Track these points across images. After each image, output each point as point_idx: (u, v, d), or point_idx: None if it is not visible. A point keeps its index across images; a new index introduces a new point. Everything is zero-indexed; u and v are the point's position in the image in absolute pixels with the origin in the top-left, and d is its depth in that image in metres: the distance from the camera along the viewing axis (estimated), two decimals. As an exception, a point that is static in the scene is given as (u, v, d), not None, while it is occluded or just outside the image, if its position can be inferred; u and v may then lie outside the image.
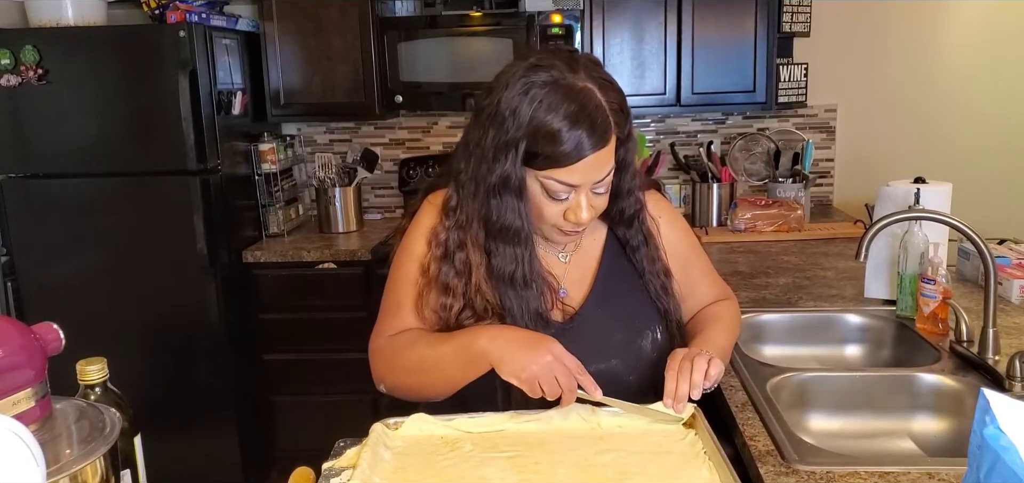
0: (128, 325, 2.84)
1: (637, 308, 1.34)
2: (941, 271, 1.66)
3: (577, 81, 1.16)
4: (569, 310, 1.32)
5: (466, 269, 1.27)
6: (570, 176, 1.17)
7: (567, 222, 1.23)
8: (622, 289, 1.34)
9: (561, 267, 1.35)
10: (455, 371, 1.22)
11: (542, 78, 1.16)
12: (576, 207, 1.21)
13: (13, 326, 0.92)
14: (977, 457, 0.69)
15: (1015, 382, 1.37)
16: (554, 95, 1.15)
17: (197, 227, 2.75)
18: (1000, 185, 3.22)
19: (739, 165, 3.24)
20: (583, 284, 1.34)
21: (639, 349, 1.31)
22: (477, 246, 1.27)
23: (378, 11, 3.01)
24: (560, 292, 1.33)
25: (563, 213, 1.22)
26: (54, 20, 2.77)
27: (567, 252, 1.36)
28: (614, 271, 1.35)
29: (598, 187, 1.22)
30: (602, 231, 1.38)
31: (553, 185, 1.19)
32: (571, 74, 1.17)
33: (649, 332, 1.32)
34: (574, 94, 1.15)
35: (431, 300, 1.29)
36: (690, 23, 2.94)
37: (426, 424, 1.17)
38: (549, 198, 1.21)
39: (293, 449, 3.05)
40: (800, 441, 1.23)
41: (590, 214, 1.22)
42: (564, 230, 1.25)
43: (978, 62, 3.25)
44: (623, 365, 1.29)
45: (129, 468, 1.03)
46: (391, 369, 1.29)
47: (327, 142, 3.46)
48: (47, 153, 2.74)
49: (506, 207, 1.22)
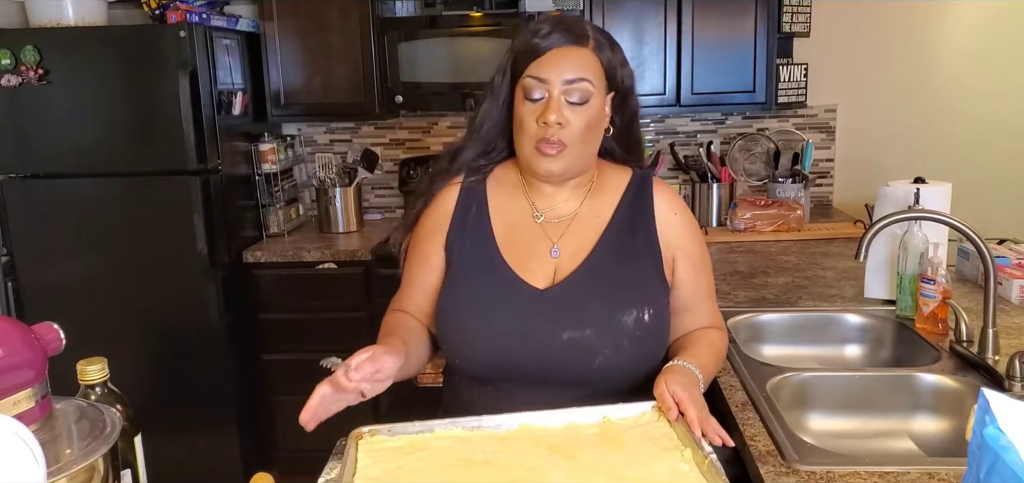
0: (128, 325, 2.84)
1: (626, 285, 1.31)
2: (941, 271, 1.67)
3: (571, 14, 1.28)
4: (559, 277, 1.31)
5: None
6: (541, 68, 1.25)
7: (540, 127, 1.26)
8: (615, 267, 1.32)
9: (558, 233, 1.35)
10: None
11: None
12: (546, 108, 1.25)
13: (13, 326, 0.92)
14: (977, 457, 0.69)
15: (1015, 382, 1.37)
16: (551, 13, 1.30)
17: (197, 227, 2.75)
18: (1000, 185, 3.22)
19: (739, 165, 3.24)
20: (578, 256, 1.33)
21: (619, 324, 1.27)
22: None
23: (378, 11, 3.01)
24: (552, 250, 1.33)
25: (536, 118, 1.26)
26: (54, 20, 2.77)
27: (564, 220, 1.36)
28: (611, 248, 1.34)
29: (571, 93, 1.26)
30: (608, 211, 1.36)
31: (528, 82, 1.27)
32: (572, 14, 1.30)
33: (635, 310, 1.28)
34: (563, 14, 1.27)
35: (416, 273, 1.37)
36: (690, 23, 2.94)
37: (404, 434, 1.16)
38: (526, 101, 1.27)
39: (293, 449, 3.04)
40: (800, 441, 1.23)
41: (558, 117, 1.25)
42: (539, 144, 1.27)
43: (978, 62, 3.25)
44: (598, 336, 1.26)
45: (129, 468, 1.03)
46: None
47: (327, 142, 3.46)
48: (47, 153, 2.75)
49: (482, 108, 1.35)
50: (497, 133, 1.36)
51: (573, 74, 1.25)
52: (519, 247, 1.33)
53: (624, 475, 1.03)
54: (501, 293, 1.29)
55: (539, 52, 1.26)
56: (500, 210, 1.36)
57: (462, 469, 1.06)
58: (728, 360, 1.60)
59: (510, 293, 1.29)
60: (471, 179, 1.38)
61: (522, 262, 1.32)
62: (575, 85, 1.25)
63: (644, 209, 1.36)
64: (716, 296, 1.45)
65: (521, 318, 1.27)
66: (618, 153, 1.41)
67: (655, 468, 1.04)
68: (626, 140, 1.40)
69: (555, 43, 1.26)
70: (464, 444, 1.12)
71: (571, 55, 1.26)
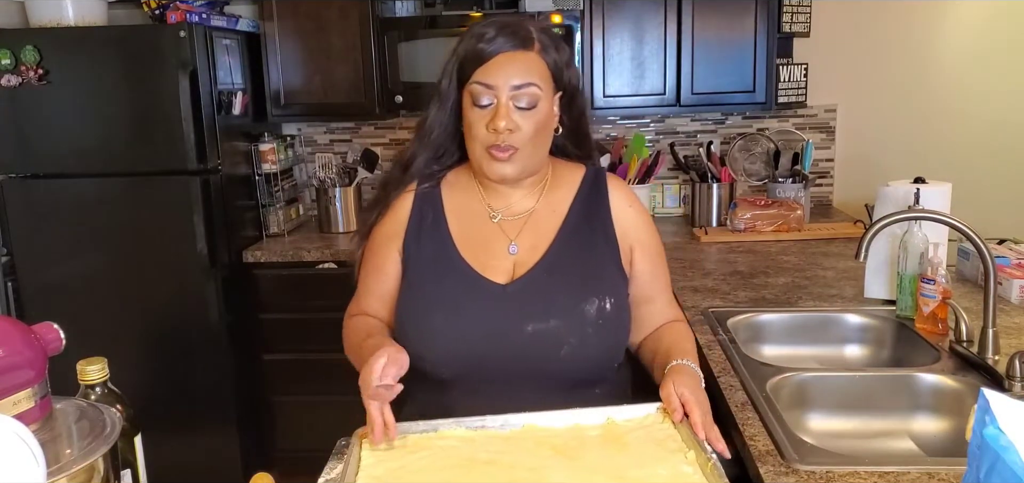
0: (128, 325, 2.84)
1: (586, 276, 1.34)
2: (941, 271, 1.67)
3: (515, 14, 1.29)
4: (519, 273, 1.33)
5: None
6: (488, 74, 1.25)
7: (490, 134, 1.27)
8: (574, 259, 1.35)
9: (516, 230, 1.36)
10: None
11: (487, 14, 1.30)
12: (495, 115, 1.26)
13: (13, 326, 0.92)
14: (977, 457, 0.69)
15: (1015, 382, 1.37)
16: (493, 15, 1.35)
17: (197, 227, 2.75)
18: (1000, 185, 3.22)
19: (739, 165, 3.24)
20: (536, 251, 1.35)
21: (582, 313, 1.29)
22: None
23: (378, 11, 3.01)
24: (510, 247, 1.35)
25: (486, 124, 1.27)
26: (54, 20, 2.77)
27: (520, 217, 1.37)
28: (569, 242, 1.36)
29: (519, 98, 1.26)
30: (563, 207, 1.39)
31: (475, 88, 1.27)
32: (513, 12, 1.30)
33: (597, 299, 1.31)
34: (511, 14, 1.27)
35: (373, 278, 1.40)
36: (690, 23, 2.94)
37: (408, 434, 1.16)
38: (475, 108, 1.28)
39: (293, 449, 3.05)
40: (800, 441, 1.23)
41: (507, 124, 1.25)
42: (490, 148, 1.28)
43: (978, 62, 3.25)
44: (563, 327, 1.28)
45: (129, 468, 1.03)
46: (347, 355, 1.38)
47: (327, 142, 3.46)
48: (47, 153, 2.74)
49: (429, 114, 1.35)
50: (447, 138, 1.37)
51: (520, 79, 1.26)
52: (477, 246, 1.35)
53: (627, 476, 1.03)
54: (463, 291, 1.31)
55: (485, 58, 1.26)
56: (456, 212, 1.38)
57: (465, 469, 1.06)
58: (728, 360, 1.60)
59: (472, 291, 1.31)
60: (425, 185, 1.40)
61: (481, 261, 1.34)
62: (523, 90, 1.26)
63: (600, 203, 1.40)
64: (716, 295, 1.46)
65: (485, 315, 1.29)
66: (570, 150, 1.44)
67: (658, 470, 1.04)
68: (576, 137, 1.43)
69: (501, 48, 1.26)
70: (468, 444, 1.12)
71: (517, 60, 1.26)
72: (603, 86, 3.01)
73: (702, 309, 1.95)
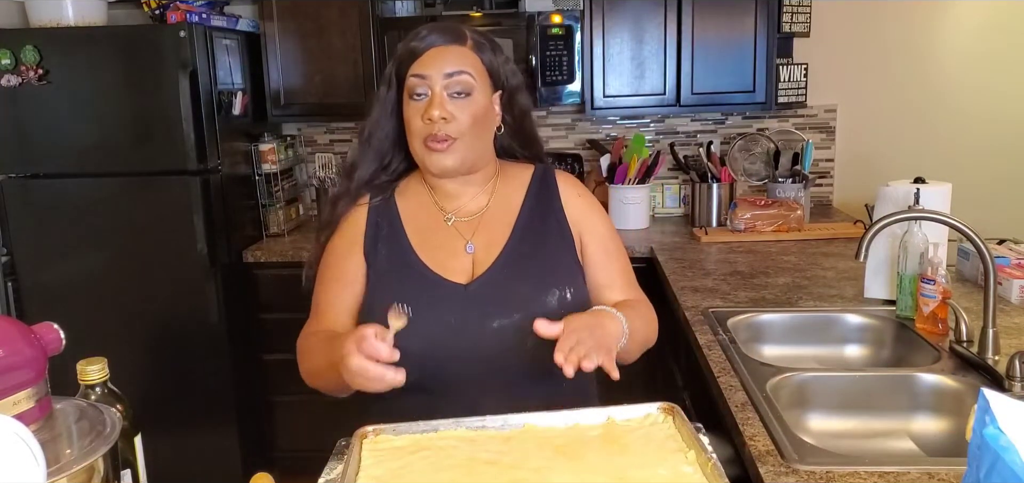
0: (128, 325, 2.84)
1: (546, 269, 1.35)
2: (941, 271, 1.67)
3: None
4: (477, 272, 1.34)
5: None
6: (421, 66, 1.29)
7: (426, 124, 1.29)
8: (532, 253, 1.36)
9: (471, 230, 1.37)
10: (334, 381, 1.23)
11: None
12: (429, 104, 1.29)
13: (13, 326, 0.92)
14: (977, 457, 0.69)
15: (1015, 382, 1.37)
16: (428, 22, 1.35)
17: (197, 227, 2.75)
18: (1000, 185, 3.22)
19: (739, 165, 3.24)
20: (493, 249, 1.36)
21: (544, 304, 1.30)
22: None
23: (378, 11, 3.01)
24: (467, 246, 1.36)
25: (421, 116, 1.29)
26: (54, 20, 2.77)
27: (474, 217, 1.38)
28: (526, 237, 1.37)
29: (452, 86, 1.29)
30: (515, 203, 1.40)
31: (411, 81, 1.30)
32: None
33: (557, 290, 1.33)
34: (444, 20, 1.29)
35: (335, 291, 1.37)
36: (690, 23, 2.94)
37: (408, 434, 1.16)
38: (411, 101, 1.31)
39: (293, 449, 3.05)
40: (800, 441, 1.23)
41: (441, 112, 1.28)
42: (428, 140, 1.30)
43: (978, 62, 3.25)
44: (526, 320, 1.25)
45: (129, 468, 1.03)
46: (302, 367, 1.36)
47: (327, 142, 3.46)
48: (47, 153, 2.74)
49: (371, 119, 1.38)
50: (390, 143, 1.39)
51: (452, 68, 1.29)
52: (435, 249, 1.36)
53: (627, 477, 1.03)
54: (424, 294, 1.31)
55: (419, 53, 1.30)
56: (411, 218, 1.39)
57: (466, 469, 1.06)
58: (728, 360, 1.60)
59: (433, 292, 1.31)
60: (378, 198, 1.40)
61: (440, 262, 1.34)
62: (455, 78, 1.29)
63: (551, 197, 1.42)
64: (716, 295, 1.46)
65: (448, 315, 1.29)
66: (518, 152, 1.46)
67: (658, 470, 1.04)
68: (521, 137, 1.45)
69: (433, 43, 1.30)
70: (468, 444, 1.12)
71: (449, 51, 1.30)
72: (603, 86, 3.01)
73: (702, 309, 1.95)
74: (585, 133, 3.40)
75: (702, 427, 1.12)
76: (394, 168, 1.41)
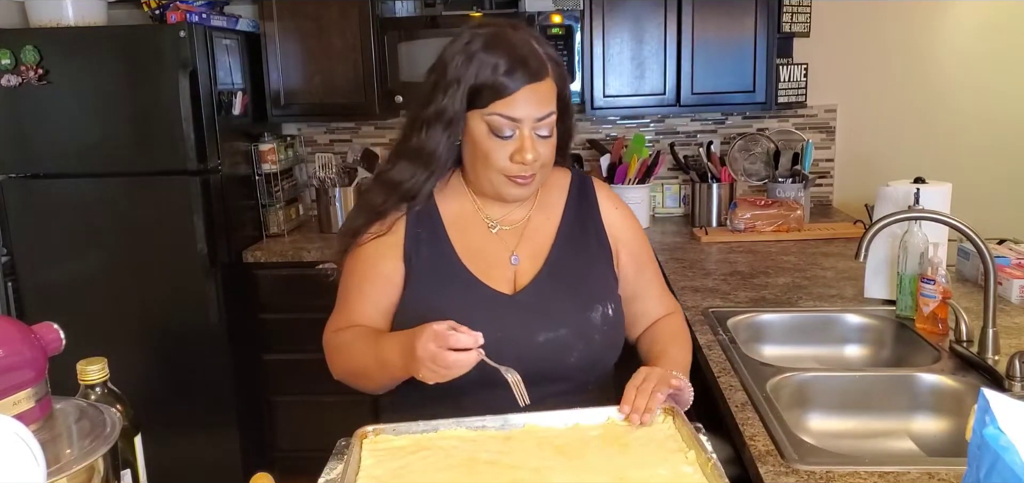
0: (128, 325, 2.84)
1: (589, 283, 1.37)
2: (941, 271, 1.67)
3: (513, 33, 1.28)
4: (522, 282, 1.34)
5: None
6: (512, 108, 1.24)
7: (515, 165, 1.27)
8: (575, 265, 1.37)
9: (515, 240, 1.37)
10: (380, 378, 1.28)
11: (482, 31, 1.28)
12: (521, 147, 1.26)
13: (13, 326, 0.92)
14: (977, 457, 0.69)
15: (1015, 382, 1.37)
16: (493, 39, 1.26)
17: (197, 227, 2.75)
18: (1000, 185, 3.22)
19: (739, 165, 3.24)
20: (537, 260, 1.37)
21: (588, 320, 1.33)
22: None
23: (378, 11, 3.01)
24: (512, 258, 1.36)
25: (510, 156, 1.27)
26: (54, 20, 2.77)
27: (517, 227, 1.38)
28: (566, 249, 1.38)
29: (540, 128, 1.27)
30: (556, 213, 1.41)
31: (497, 120, 1.25)
32: (509, 28, 1.29)
33: (599, 306, 1.34)
34: (511, 38, 1.26)
35: (369, 289, 1.34)
36: (690, 23, 2.94)
37: (408, 434, 1.15)
38: (495, 138, 1.27)
39: (293, 449, 3.05)
40: (800, 441, 1.23)
41: (534, 156, 1.26)
42: (512, 176, 1.29)
43: (978, 62, 3.25)
44: (571, 334, 1.31)
45: (129, 468, 1.03)
46: (335, 364, 1.35)
47: (327, 142, 3.46)
48: (47, 153, 2.74)
49: (429, 137, 1.29)
50: (447, 160, 1.33)
51: (543, 111, 1.27)
52: (478, 256, 1.35)
53: (628, 477, 1.03)
54: (470, 301, 1.30)
55: (507, 92, 1.24)
56: (454, 222, 1.37)
57: (466, 469, 1.06)
58: (728, 360, 1.60)
59: (480, 301, 1.31)
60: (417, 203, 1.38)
61: (484, 270, 1.34)
62: (544, 121, 1.28)
63: (590, 207, 1.43)
64: (716, 295, 1.47)
65: (495, 324, 1.27)
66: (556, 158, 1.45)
67: (659, 470, 1.04)
68: (564, 147, 1.43)
69: (523, 82, 1.24)
70: (469, 444, 1.12)
71: (538, 91, 1.26)
72: (603, 86, 3.01)
73: (702, 309, 1.95)
74: (585, 133, 3.40)
75: (702, 427, 1.13)
76: (442, 176, 1.37)
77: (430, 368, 1.12)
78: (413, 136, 1.32)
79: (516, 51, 1.25)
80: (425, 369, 1.13)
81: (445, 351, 1.10)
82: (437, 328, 1.12)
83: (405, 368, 1.18)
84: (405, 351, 1.17)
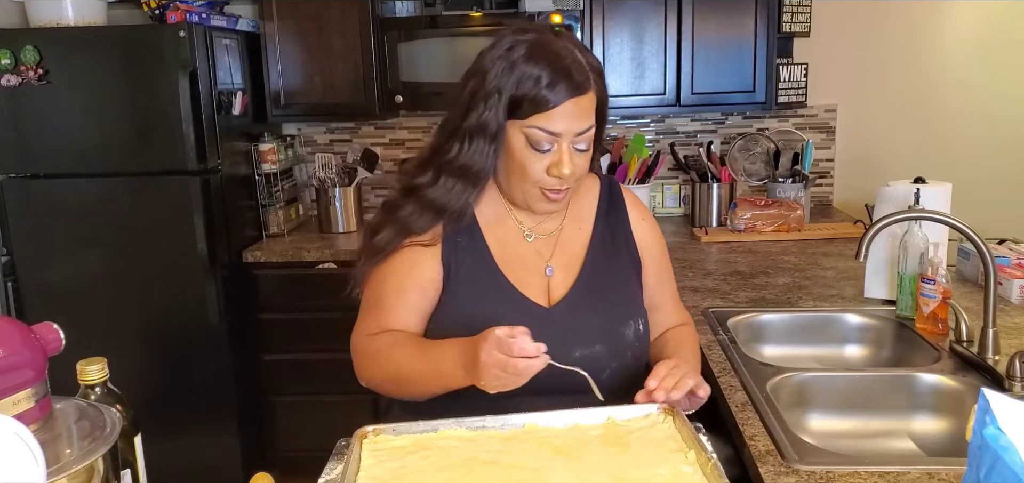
0: (128, 325, 2.84)
1: (621, 298, 1.37)
2: (941, 271, 1.67)
3: (556, 41, 1.25)
4: (556, 294, 1.34)
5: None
6: (552, 122, 1.22)
7: (551, 178, 1.26)
8: (607, 280, 1.37)
9: (549, 250, 1.37)
10: (432, 386, 1.24)
11: (524, 38, 1.24)
12: (559, 161, 1.24)
13: (13, 326, 0.92)
14: (977, 457, 0.69)
15: (1015, 382, 1.37)
16: (536, 47, 1.23)
17: (197, 227, 2.75)
18: (1000, 185, 3.22)
19: (739, 165, 3.24)
20: (570, 272, 1.36)
21: (622, 336, 1.33)
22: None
23: (378, 11, 3.01)
24: (546, 269, 1.35)
25: (547, 168, 1.25)
26: (54, 20, 2.77)
27: (551, 236, 1.37)
28: (600, 261, 1.38)
29: (579, 142, 1.26)
30: (588, 223, 1.40)
31: (536, 134, 1.23)
32: (551, 35, 1.26)
33: (632, 322, 1.34)
34: (554, 47, 1.23)
35: (407, 295, 1.31)
36: (690, 23, 2.94)
37: (408, 434, 1.15)
38: (533, 150, 1.25)
39: (293, 449, 3.05)
40: (800, 441, 1.23)
41: (571, 170, 1.25)
42: (548, 190, 1.27)
43: (978, 62, 3.25)
44: (606, 351, 1.31)
45: (129, 468, 1.03)
46: (369, 369, 1.32)
47: (327, 142, 3.46)
48: (47, 153, 2.74)
49: (474, 150, 1.25)
50: (487, 175, 1.30)
51: (583, 126, 1.25)
52: (516, 265, 1.34)
53: (628, 477, 1.03)
54: (509, 313, 1.27)
55: (549, 106, 1.21)
56: (491, 231, 1.35)
57: (466, 469, 1.06)
58: (728, 360, 1.60)
59: (518, 313, 1.28)
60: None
61: (521, 280, 1.33)
62: (584, 135, 1.26)
63: (620, 219, 1.43)
64: (716, 295, 1.47)
65: (533, 337, 1.25)
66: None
67: (659, 470, 1.04)
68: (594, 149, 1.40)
69: (566, 96, 1.21)
70: (468, 444, 1.12)
71: (580, 105, 1.23)
72: (603, 86, 3.01)
73: (702, 309, 1.95)
74: (585, 133, 3.39)
75: (702, 427, 1.13)
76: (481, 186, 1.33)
77: (495, 375, 1.10)
78: (454, 148, 1.27)
79: (560, 63, 1.22)
80: (490, 375, 1.11)
81: (515, 358, 1.08)
82: (500, 334, 1.09)
83: (465, 376, 1.16)
84: (467, 358, 1.15)
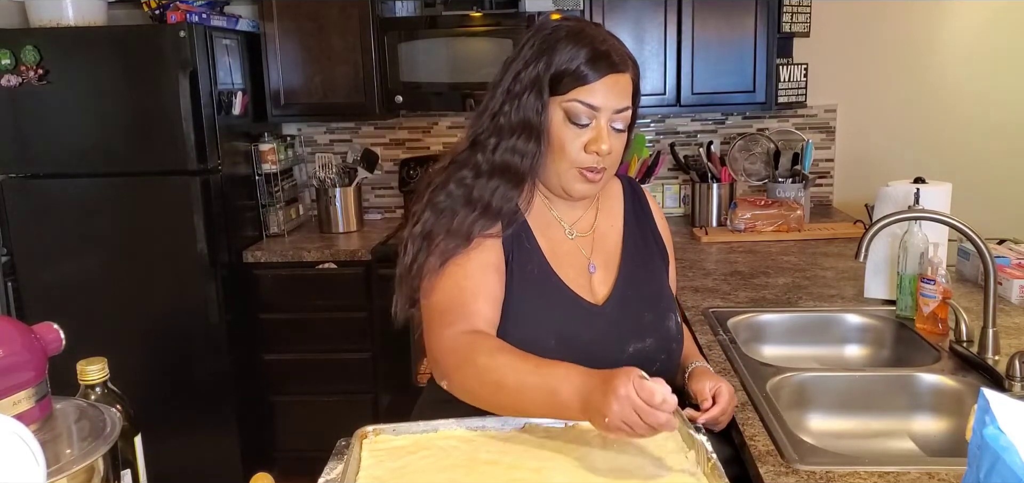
0: (128, 325, 2.84)
1: (660, 293, 1.39)
2: (941, 271, 1.67)
3: (595, 27, 1.28)
4: (601, 291, 1.33)
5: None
6: (592, 96, 1.23)
7: (589, 156, 1.25)
8: (644, 275, 1.38)
9: (589, 247, 1.36)
10: (536, 408, 1.11)
11: (565, 24, 1.27)
12: (597, 137, 1.24)
13: (13, 326, 0.92)
14: (977, 457, 0.69)
15: (1015, 382, 1.37)
16: (576, 30, 1.25)
17: (197, 227, 2.75)
18: (1000, 185, 3.22)
19: (739, 165, 3.24)
20: (610, 269, 1.36)
21: (667, 330, 1.34)
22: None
23: (378, 11, 3.01)
24: (590, 266, 1.34)
25: (585, 146, 1.24)
26: (54, 20, 2.77)
27: (588, 234, 1.37)
28: (635, 257, 1.38)
29: (616, 120, 1.26)
30: (618, 220, 1.41)
31: (576, 107, 1.23)
32: (591, 25, 1.29)
33: (672, 314, 1.36)
34: (593, 31, 1.26)
35: (486, 287, 1.24)
36: (690, 23, 2.94)
37: (408, 434, 1.15)
38: (571, 125, 1.24)
39: (293, 449, 3.05)
40: (800, 441, 1.23)
41: (609, 147, 1.24)
42: (585, 170, 1.26)
43: (978, 62, 3.25)
44: (656, 345, 1.31)
45: (129, 468, 1.03)
46: (461, 372, 1.18)
47: (327, 142, 3.46)
48: (47, 153, 2.74)
49: (523, 147, 1.25)
50: (531, 166, 1.27)
51: (622, 103, 1.25)
52: (565, 264, 1.33)
53: (628, 477, 1.03)
54: (570, 314, 1.28)
55: (590, 80, 1.23)
56: (539, 229, 1.33)
57: (466, 469, 1.06)
58: (728, 360, 1.60)
59: (574, 310, 1.29)
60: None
61: (572, 278, 1.32)
62: (622, 114, 1.26)
63: (646, 216, 1.45)
64: (716, 295, 1.47)
65: (589, 335, 1.27)
66: None
67: (659, 469, 1.04)
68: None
69: (605, 72, 1.23)
70: (468, 444, 1.12)
71: (619, 83, 1.25)
72: (603, 86, 3.01)
73: (702, 309, 1.95)
74: (585, 133, 3.39)
75: (702, 427, 1.13)
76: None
77: (627, 414, 0.97)
78: (502, 144, 1.26)
79: (601, 43, 1.24)
80: (619, 406, 0.97)
81: (653, 410, 0.97)
82: (647, 381, 0.98)
83: (581, 409, 1.04)
84: (593, 385, 1.02)
